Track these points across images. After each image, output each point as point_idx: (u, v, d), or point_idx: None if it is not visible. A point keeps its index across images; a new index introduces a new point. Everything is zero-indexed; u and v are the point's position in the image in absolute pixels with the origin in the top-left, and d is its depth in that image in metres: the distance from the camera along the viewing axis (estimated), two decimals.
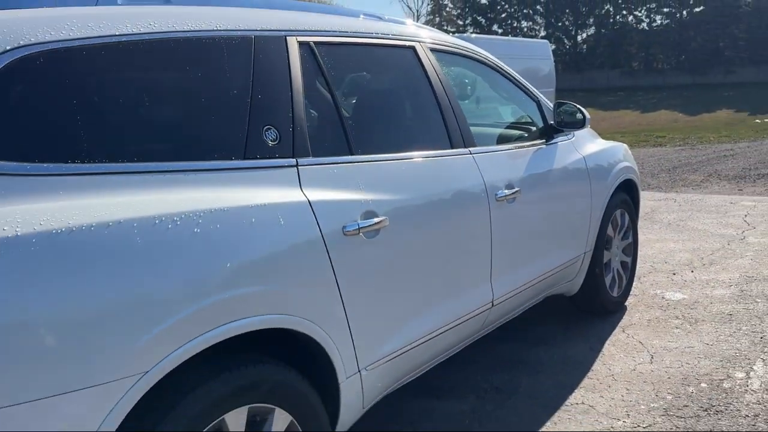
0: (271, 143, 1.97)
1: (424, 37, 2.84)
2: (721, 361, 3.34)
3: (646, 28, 54.39)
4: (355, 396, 2.15)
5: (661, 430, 2.73)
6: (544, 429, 2.79)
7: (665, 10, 53.55)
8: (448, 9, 58.31)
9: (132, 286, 1.49)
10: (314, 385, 1.97)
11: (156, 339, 1.52)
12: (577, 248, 3.53)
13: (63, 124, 1.58)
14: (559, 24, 54.44)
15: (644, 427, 2.76)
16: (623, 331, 3.80)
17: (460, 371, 3.33)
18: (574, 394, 3.09)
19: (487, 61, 3.25)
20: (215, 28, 1.96)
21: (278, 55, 2.11)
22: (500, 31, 54.70)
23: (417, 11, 61.03)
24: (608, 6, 53.87)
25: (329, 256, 1.98)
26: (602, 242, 3.79)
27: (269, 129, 1.98)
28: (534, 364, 3.44)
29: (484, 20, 55.59)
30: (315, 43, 2.26)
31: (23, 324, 1.34)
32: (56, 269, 1.39)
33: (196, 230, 1.64)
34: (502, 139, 3.38)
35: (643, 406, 2.93)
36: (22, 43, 1.55)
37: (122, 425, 1.47)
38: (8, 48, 1.53)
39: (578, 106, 3.45)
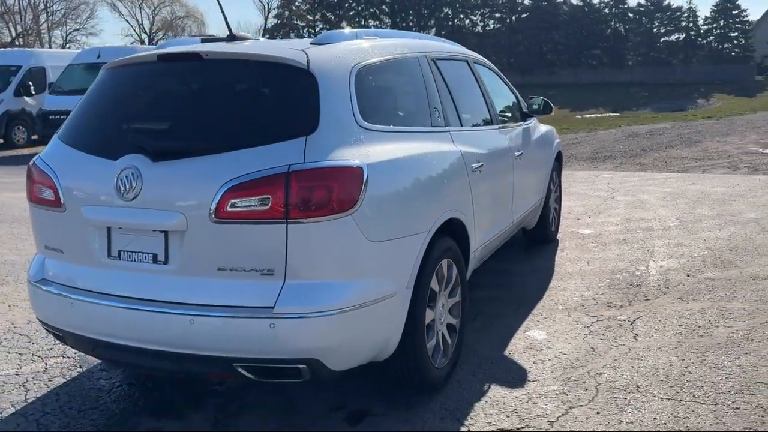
0: (438, 117, 3.49)
1: (470, 54, 4.46)
2: (629, 262, 5.30)
3: (481, 31, 59.31)
4: (473, 263, 3.72)
5: (609, 295, 4.57)
6: (544, 298, 4.52)
7: (497, 15, 58.75)
8: (297, 4, 59.45)
9: (425, 186, 3.00)
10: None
11: (432, 213, 3.02)
12: (540, 194, 5.32)
13: (378, 102, 3.03)
14: (404, 24, 57.70)
15: (600, 294, 4.59)
16: (563, 251, 5.68)
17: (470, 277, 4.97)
18: (550, 283, 4.87)
19: (492, 68, 4.92)
20: (409, 51, 3.45)
21: (425, 67, 3.61)
22: (348, 29, 56.61)
23: (267, 4, 61.62)
24: (447, 9, 58.05)
25: (469, 181, 3.53)
26: (549, 193, 5.62)
27: (435, 109, 3.50)
28: (515, 271, 5.18)
29: (333, 16, 57.49)
30: (434, 59, 3.78)
31: (391, 198, 2.79)
32: (399, 174, 2.85)
33: (433, 162, 3.14)
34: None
35: (594, 285, 4.77)
36: (356, 62, 2.96)
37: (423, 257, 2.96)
38: (352, 65, 2.93)
39: (544, 98, 5.24)
